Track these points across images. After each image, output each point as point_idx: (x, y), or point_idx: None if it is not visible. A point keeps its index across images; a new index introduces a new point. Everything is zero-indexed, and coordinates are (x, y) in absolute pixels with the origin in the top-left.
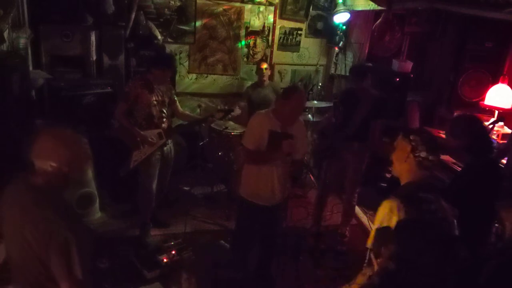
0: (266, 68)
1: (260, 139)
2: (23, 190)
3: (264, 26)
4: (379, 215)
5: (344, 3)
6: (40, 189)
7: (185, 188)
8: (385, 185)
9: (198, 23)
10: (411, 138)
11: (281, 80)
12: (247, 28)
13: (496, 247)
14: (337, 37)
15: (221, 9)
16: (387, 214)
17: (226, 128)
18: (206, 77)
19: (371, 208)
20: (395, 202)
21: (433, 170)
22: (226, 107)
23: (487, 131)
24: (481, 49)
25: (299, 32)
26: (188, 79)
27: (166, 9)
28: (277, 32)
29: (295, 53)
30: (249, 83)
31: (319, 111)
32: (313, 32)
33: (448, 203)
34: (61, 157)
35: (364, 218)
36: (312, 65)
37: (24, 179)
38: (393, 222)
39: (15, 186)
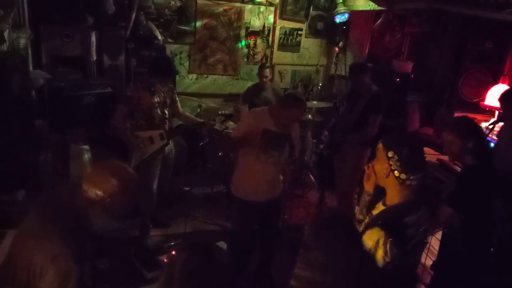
0: (268, 75)
1: (251, 134)
2: (48, 209)
3: (264, 27)
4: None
5: (344, 3)
6: (67, 210)
7: (185, 188)
8: None
9: (198, 24)
10: (389, 155)
11: (281, 81)
12: (247, 28)
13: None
14: (337, 38)
15: (221, 9)
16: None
17: (227, 128)
18: (207, 77)
19: None
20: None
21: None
22: (227, 112)
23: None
24: (482, 49)
25: (299, 32)
26: (188, 80)
27: (166, 10)
28: (277, 32)
29: (295, 54)
30: (250, 83)
31: (319, 111)
32: (313, 32)
33: (456, 209)
34: (109, 191)
35: None
36: (312, 65)
37: (56, 194)
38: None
39: (44, 202)
